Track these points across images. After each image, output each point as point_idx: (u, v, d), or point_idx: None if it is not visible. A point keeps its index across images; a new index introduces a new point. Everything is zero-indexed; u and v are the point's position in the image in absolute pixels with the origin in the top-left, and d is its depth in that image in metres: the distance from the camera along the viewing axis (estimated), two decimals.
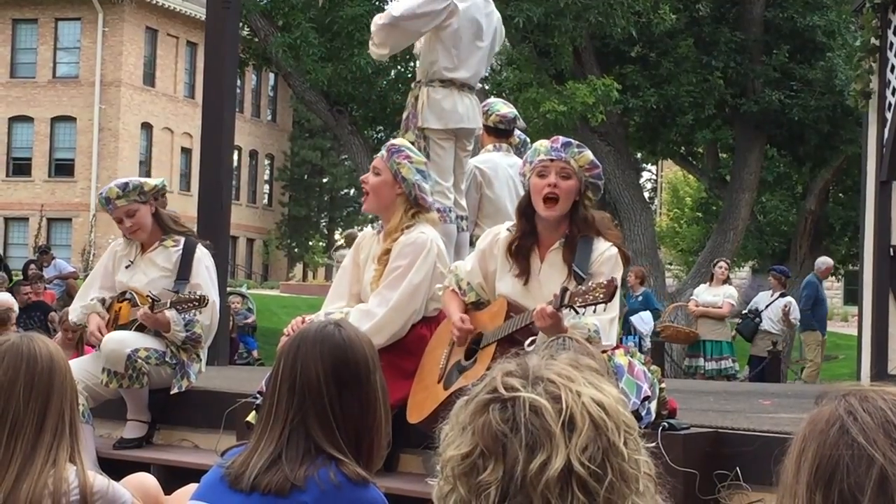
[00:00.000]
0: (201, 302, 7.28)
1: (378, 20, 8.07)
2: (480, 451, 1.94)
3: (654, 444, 2.09)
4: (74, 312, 7.95)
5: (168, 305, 7.33)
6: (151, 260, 7.66)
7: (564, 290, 5.43)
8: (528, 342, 5.52)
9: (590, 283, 5.41)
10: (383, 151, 6.69)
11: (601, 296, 5.31)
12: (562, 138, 5.93)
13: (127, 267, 7.72)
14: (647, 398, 5.51)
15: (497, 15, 8.48)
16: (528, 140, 9.11)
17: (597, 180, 5.91)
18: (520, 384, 1.97)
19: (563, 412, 1.92)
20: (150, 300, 7.40)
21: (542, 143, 5.91)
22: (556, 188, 5.75)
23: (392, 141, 6.86)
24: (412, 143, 7.97)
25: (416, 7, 7.93)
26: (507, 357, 2.09)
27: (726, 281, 18.45)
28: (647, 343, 18.13)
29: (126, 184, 7.68)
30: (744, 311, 18.98)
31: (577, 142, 5.96)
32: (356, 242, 6.98)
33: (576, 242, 5.79)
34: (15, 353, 3.46)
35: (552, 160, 5.79)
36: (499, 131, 8.85)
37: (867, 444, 1.86)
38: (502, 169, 8.62)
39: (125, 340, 7.41)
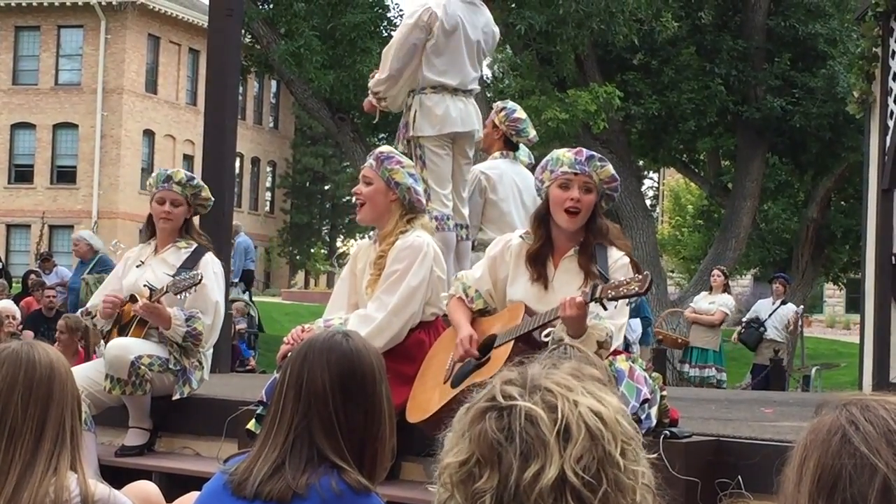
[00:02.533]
0: (195, 280, 7.28)
1: (380, 81, 8.19)
2: (476, 459, 1.94)
3: (655, 455, 2.08)
4: (91, 302, 8.05)
5: (165, 290, 7.34)
6: (163, 259, 7.73)
7: (595, 285, 5.45)
8: (544, 333, 5.57)
9: (624, 278, 5.45)
10: (371, 161, 6.69)
11: (636, 288, 5.33)
12: (585, 151, 5.96)
13: (138, 266, 7.77)
14: (646, 401, 5.52)
15: (487, 15, 8.47)
16: (527, 150, 9.16)
17: (613, 192, 6.01)
18: (517, 393, 1.97)
19: (559, 421, 1.92)
20: (149, 290, 7.42)
21: (566, 154, 5.92)
22: (579, 202, 5.80)
23: (379, 149, 6.84)
24: (404, 153, 8.00)
25: (407, 43, 8.05)
26: (511, 365, 2.09)
27: (725, 289, 18.39)
28: (635, 349, 18.06)
29: (193, 178, 7.84)
30: (742, 319, 18.89)
31: (598, 155, 6.01)
32: (353, 253, 7.00)
33: (592, 249, 5.83)
34: (14, 360, 3.45)
35: (576, 174, 5.83)
36: (512, 144, 8.85)
37: (870, 453, 1.86)
38: (508, 176, 8.62)
39: (128, 347, 7.41)
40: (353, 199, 6.91)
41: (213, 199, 7.97)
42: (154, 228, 7.87)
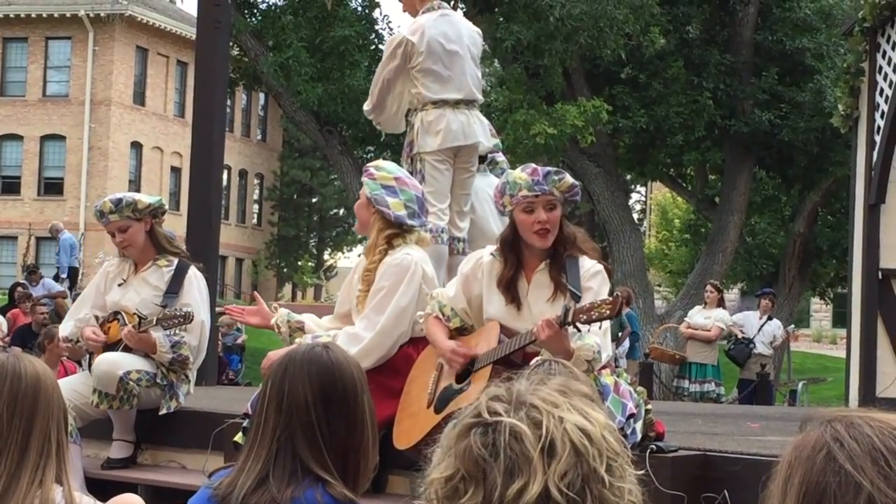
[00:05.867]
0: (187, 318, 7.26)
1: (367, 110, 8.40)
2: (462, 476, 1.94)
3: (643, 472, 2.08)
4: (66, 328, 7.92)
5: (154, 323, 7.32)
6: (144, 279, 7.65)
7: (567, 308, 5.44)
8: (533, 362, 5.53)
9: (594, 301, 5.43)
10: None
11: (607, 312, 5.34)
12: (540, 169, 5.92)
13: (119, 285, 7.71)
14: (632, 416, 5.53)
15: (470, 25, 8.48)
16: (500, 156, 9.10)
17: (574, 198, 6.00)
18: (503, 409, 1.97)
19: (544, 438, 1.91)
20: (137, 318, 7.39)
21: (521, 177, 5.88)
22: (547, 223, 5.78)
23: (367, 164, 6.94)
24: (409, 171, 7.99)
25: (383, 77, 8.18)
26: (499, 381, 2.09)
27: (720, 303, 18.37)
28: (622, 363, 18.06)
29: (120, 199, 7.62)
30: (725, 333, 18.77)
31: (554, 168, 5.99)
32: (356, 263, 7.00)
33: (562, 261, 5.82)
34: None
35: (537, 195, 5.81)
36: (480, 158, 8.83)
37: (854, 471, 1.86)
38: (482, 191, 8.57)
39: (117, 362, 7.38)
40: (351, 207, 7.01)
41: (155, 202, 7.76)
42: None
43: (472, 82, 8.24)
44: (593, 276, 5.78)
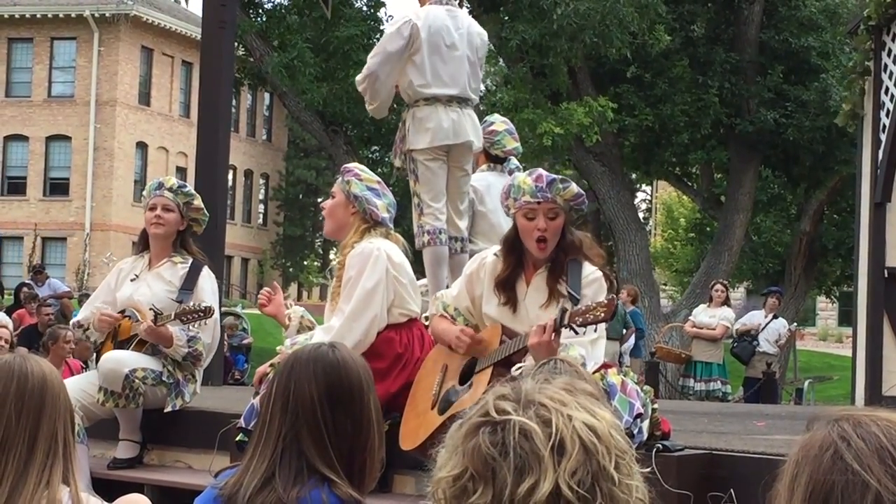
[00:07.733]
0: (207, 313, 7.27)
1: (360, 79, 8.23)
2: (470, 474, 1.94)
3: (648, 470, 2.08)
4: (80, 314, 8.03)
5: (172, 318, 7.32)
6: (159, 274, 7.68)
7: (564, 310, 5.44)
8: (514, 368, 5.52)
9: (590, 303, 5.43)
10: (337, 176, 6.87)
11: (602, 314, 5.33)
12: (545, 175, 5.89)
13: (132, 280, 7.72)
14: (639, 416, 5.52)
15: (475, 26, 8.45)
16: (516, 161, 9.10)
17: (580, 206, 5.96)
18: (511, 408, 1.97)
19: (553, 436, 1.92)
20: (154, 314, 7.38)
21: (525, 182, 5.86)
22: (546, 231, 5.77)
23: (345, 165, 7.00)
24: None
25: (385, 48, 8.09)
26: (503, 381, 2.09)
27: (725, 302, 18.35)
28: (626, 360, 18.08)
29: (184, 185, 7.88)
30: (734, 329, 18.77)
31: (560, 176, 5.96)
32: None
33: (563, 265, 5.81)
34: (6, 372, 3.44)
35: (539, 202, 5.79)
36: (498, 159, 8.84)
37: (862, 470, 1.86)
38: (495, 188, 8.56)
39: (123, 360, 7.38)
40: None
41: (207, 212, 7.93)
42: (147, 241, 7.83)
43: (469, 82, 8.22)
44: (590, 284, 5.78)
